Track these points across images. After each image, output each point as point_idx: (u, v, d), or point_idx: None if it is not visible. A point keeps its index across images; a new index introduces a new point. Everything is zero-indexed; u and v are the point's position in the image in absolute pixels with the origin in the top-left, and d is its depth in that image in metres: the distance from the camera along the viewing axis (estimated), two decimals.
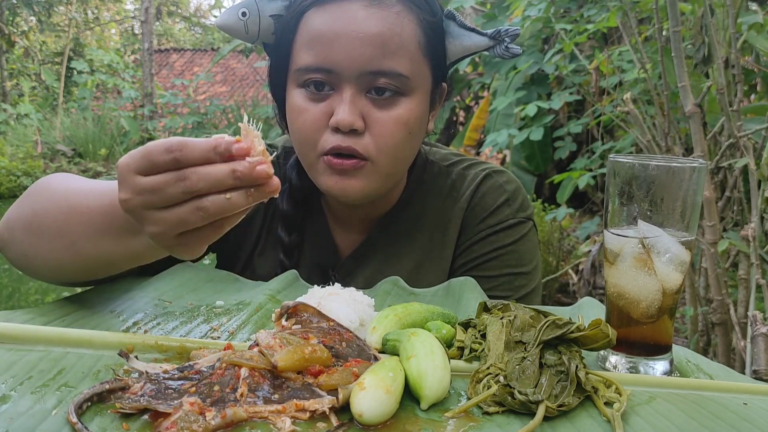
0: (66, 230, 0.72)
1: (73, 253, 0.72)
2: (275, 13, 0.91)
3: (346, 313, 0.68)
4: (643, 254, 0.63)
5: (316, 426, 0.50)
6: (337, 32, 0.84)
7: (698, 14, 2.24)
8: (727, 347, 2.08)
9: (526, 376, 0.57)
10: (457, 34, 0.93)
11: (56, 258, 0.74)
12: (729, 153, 2.19)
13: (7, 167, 9.76)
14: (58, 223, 0.73)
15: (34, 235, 0.76)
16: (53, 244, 0.74)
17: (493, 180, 1.03)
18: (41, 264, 0.77)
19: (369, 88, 0.87)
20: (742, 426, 0.55)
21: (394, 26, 0.85)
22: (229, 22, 0.90)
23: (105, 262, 0.72)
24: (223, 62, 14.46)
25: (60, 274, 0.77)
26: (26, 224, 0.77)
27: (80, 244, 0.71)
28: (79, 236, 0.71)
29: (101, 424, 0.48)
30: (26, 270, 0.81)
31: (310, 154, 0.90)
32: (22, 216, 0.78)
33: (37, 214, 0.77)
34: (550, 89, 4.97)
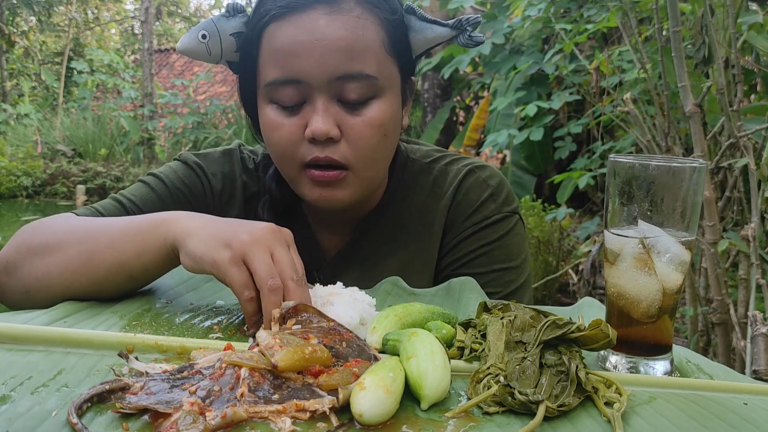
0: (85, 248, 0.78)
1: (88, 268, 0.76)
2: (235, 30, 0.91)
3: (347, 312, 0.68)
4: (643, 254, 0.63)
5: (316, 426, 0.50)
6: (300, 42, 0.85)
7: (698, 14, 2.24)
8: (727, 347, 2.08)
9: (526, 376, 0.57)
10: (419, 27, 0.92)
11: (68, 280, 0.77)
12: (729, 153, 2.19)
13: (7, 167, 9.76)
14: (77, 242, 0.79)
15: (47, 255, 0.79)
16: (69, 267, 0.77)
17: (476, 175, 1.02)
18: (47, 294, 0.78)
19: (339, 94, 0.87)
20: (742, 426, 0.55)
21: (356, 29, 0.86)
22: (190, 46, 0.91)
23: (117, 269, 0.76)
24: None
25: (66, 296, 0.78)
26: (37, 246, 0.81)
27: (98, 255, 0.76)
28: (98, 248, 0.77)
29: (101, 425, 0.48)
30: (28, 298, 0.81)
31: (291, 167, 0.91)
32: (31, 241, 0.82)
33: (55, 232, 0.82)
34: (550, 89, 4.97)
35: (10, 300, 0.83)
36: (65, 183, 9.89)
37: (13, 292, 0.82)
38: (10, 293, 0.82)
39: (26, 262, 0.80)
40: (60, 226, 0.84)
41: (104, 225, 0.82)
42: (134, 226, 0.78)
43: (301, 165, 0.89)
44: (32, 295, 0.79)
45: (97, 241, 0.78)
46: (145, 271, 0.77)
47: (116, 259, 0.76)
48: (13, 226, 8.29)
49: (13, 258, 0.82)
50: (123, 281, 0.77)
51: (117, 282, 0.77)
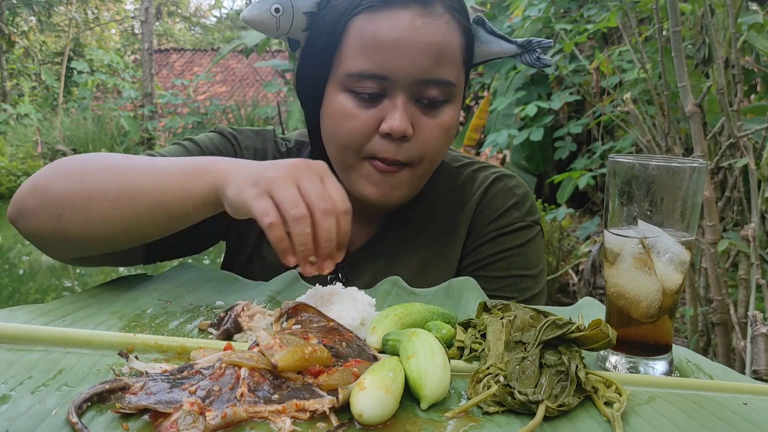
0: (128, 178, 0.77)
1: (127, 199, 0.76)
2: (309, 10, 0.90)
3: (347, 312, 0.68)
4: (643, 254, 0.63)
5: (316, 426, 0.50)
6: (395, 40, 0.85)
7: (698, 14, 2.24)
8: (727, 347, 2.08)
9: (526, 376, 0.57)
10: (486, 39, 0.95)
11: (106, 210, 0.76)
12: (729, 153, 2.19)
13: (7, 167, 9.76)
14: (118, 172, 0.78)
15: (86, 180, 0.78)
16: (105, 192, 0.76)
17: (503, 183, 1.05)
18: (80, 221, 0.77)
19: (418, 95, 0.88)
20: (742, 426, 0.55)
21: (446, 36, 0.87)
22: (260, 17, 0.90)
23: (155, 206, 0.76)
24: (223, 62, 14.46)
25: (96, 234, 0.78)
26: (76, 171, 0.79)
27: (140, 189, 0.76)
28: (141, 182, 0.77)
29: (101, 424, 0.48)
30: (51, 237, 0.80)
31: (353, 157, 0.91)
32: (69, 166, 0.80)
33: (93, 165, 0.80)
34: (550, 89, 4.97)
35: (37, 226, 0.81)
36: None
37: (43, 216, 0.79)
38: (39, 217, 0.80)
39: (62, 184, 0.79)
40: (101, 156, 0.83)
41: (147, 162, 0.81)
42: (179, 168, 0.78)
43: (365, 156, 0.90)
44: (65, 219, 0.77)
45: (138, 176, 0.78)
46: (185, 215, 0.77)
47: (157, 198, 0.76)
48: (13, 227, 8.29)
49: (46, 179, 0.80)
50: (161, 220, 0.77)
51: (155, 220, 0.77)
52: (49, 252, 0.87)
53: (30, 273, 6.12)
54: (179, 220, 0.78)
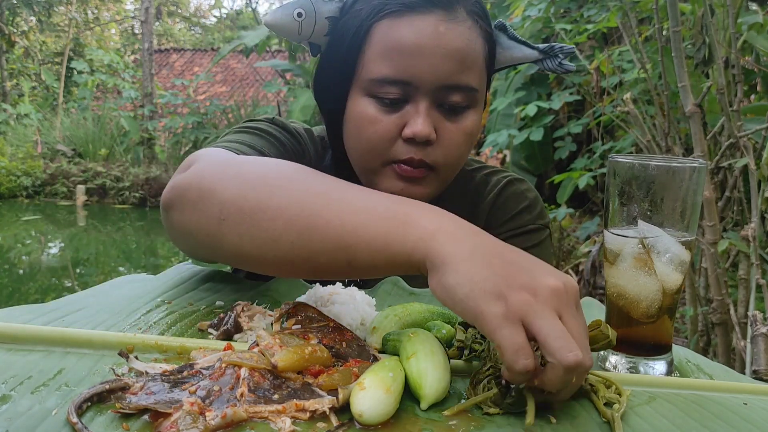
0: (311, 203, 0.63)
1: (306, 226, 0.62)
2: (331, 15, 0.91)
3: (347, 312, 0.68)
4: (643, 254, 0.63)
5: (316, 426, 0.50)
6: (419, 45, 0.85)
7: (698, 14, 2.24)
8: (727, 347, 2.08)
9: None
10: (507, 45, 0.95)
11: (277, 231, 0.63)
12: (729, 153, 2.19)
13: (7, 167, 9.77)
14: (301, 189, 0.64)
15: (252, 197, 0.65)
16: (283, 215, 0.63)
17: (515, 187, 1.07)
18: (243, 233, 0.65)
19: (441, 100, 0.88)
20: (742, 426, 0.55)
21: (470, 41, 0.88)
22: (282, 21, 0.90)
23: (339, 246, 0.61)
24: (223, 62, 14.46)
25: (254, 253, 0.65)
26: (246, 182, 0.67)
27: (323, 216, 0.62)
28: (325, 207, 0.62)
29: (101, 424, 0.48)
30: (202, 239, 0.70)
31: (376, 161, 0.91)
32: (241, 180, 0.67)
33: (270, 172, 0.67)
34: (550, 89, 4.97)
35: (193, 222, 0.70)
36: (65, 183, 9.89)
37: (203, 215, 0.68)
38: (198, 215, 0.69)
39: (232, 187, 0.67)
40: (281, 163, 0.70)
41: (336, 186, 0.66)
42: (374, 206, 0.61)
43: (388, 160, 0.90)
44: (225, 227, 0.66)
45: (324, 202, 0.63)
46: (371, 267, 0.61)
47: (343, 238, 0.60)
48: (13, 227, 8.30)
49: (215, 175, 0.69)
50: (339, 263, 0.62)
51: (331, 260, 0.62)
52: (191, 251, 0.77)
53: (30, 273, 6.12)
54: (360, 270, 0.62)
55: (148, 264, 6.63)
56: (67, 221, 8.81)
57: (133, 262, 6.69)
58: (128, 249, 7.32)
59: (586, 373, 0.53)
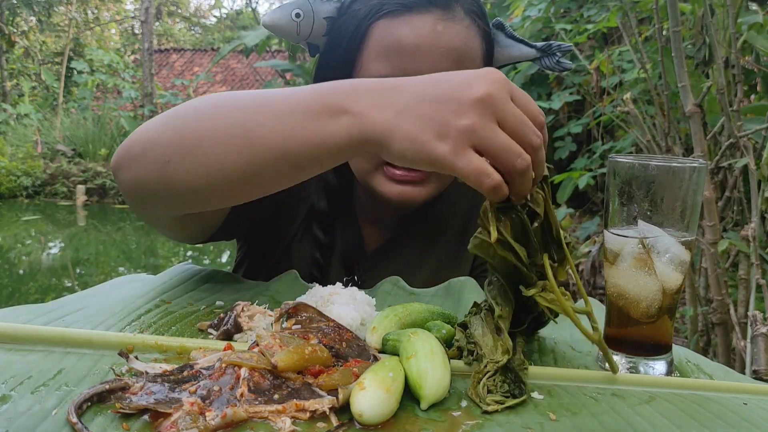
0: (242, 119, 0.65)
1: (243, 144, 0.63)
2: (329, 15, 0.91)
3: (347, 312, 0.68)
4: (643, 254, 0.63)
5: (316, 426, 0.50)
6: (417, 44, 0.85)
7: (698, 14, 2.24)
8: (727, 347, 2.08)
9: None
10: (505, 44, 0.95)
11: (219, 156, 0.64)
12: (729, 153, 2.19)
13: (7, 167, 9.77)
14: (232, 110, 0.66)
15: (195, 123, 0.67)
16: (217, 136, 0.65)
17: None
18: (189, 168, 0.66)
19: None
20: (742, 426, 0.55)
21: (467, 40, 0.88)
22: (280, 22, 0.90)
23: (279, 154, 0.63)
24: (223, 62, 14.47)
25: (206, 184, 0.67)
26: (184, 122, 0.68)
27: (257, 131, 0.63)
28: (257, 124, 0.63)
29: (101, 424, 0.48)
30: (155, 188, 0.70)
31: (370, 162, 0.91)
32: (176, 119, 0.69)
33: (205, 106, 0.68)
34: (550, 89, 4.97)
35: (141, 175, 0.70)
36: (65, 183, 9.89)
37: (148, 164, 0.69)
38: (144, 166, 0.69)
39: (171, 128, 0.68)
40: (215, 96, 0.71)
41: (260, 98, 0.67)
42: (303, 106, 0.63)
43: (380, 161, 0.90)
44: (171, 167, 0.67)
45: (253, 116, 0.65)
46: (316, 163, 0.64)
47: (281, 144, 0.63)
48: (13, 227, 8.30)
49: (156, 124, 0.70)
50: (285, 169, 0.65)
51: (277, 169, 0.64)
52: (152, 207, 0.76)
53: (30, 273, 6.12)
54: (307, 168, 0.65)
55: (148, 264, 6.63)
56: (67, 221, 8.81)
57: (133, 262, 6.69)
58: (128, 249, 7.32)
59: (542, 153, 0.58)
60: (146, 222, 0.83)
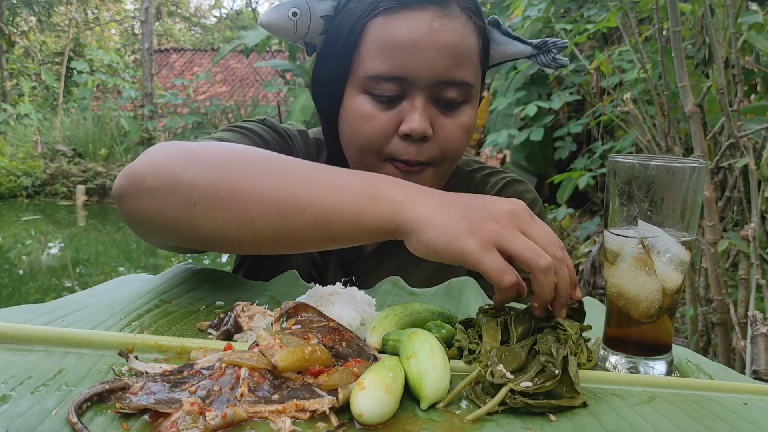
0: (288, 183, 0.67)
1: (286, 207, 0.66)
2: (325, 13, 0.91)
3: (347, 312, 0.68)
4: (643, 254, 0.63)
5: (316, 426, 0.50)
6: (414, 41, 0.85)
7: (698, 14, 2.24)
8: (727, 347, 2.08)
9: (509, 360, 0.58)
10: (501, 41, 0.96)
11: (255, 213, 0.66)
12: (729, 153, 2.19)
13: (7, 167, 9.77)
14: (273, 172, 0.68)
15: (225, 183, 0.67)
16: (258, 194, 0.66)
17: (514, 188, 1.07)
18: (218, 217, 0.67)
19: (437, 95, 0.89)
20: (742, 426, 0.55)
21: (464, 37, 0.88)
22: (277, 21, 0.90)
23: (319, 224, 0.67)
24: (223, 62, 14.47)
25: (234, 236, 0.68)
26: (214, 168, 0.68)
27: (302, 197, 0.66)
28: (302, 189, 0.67)
29: (101, 424, 0.48)
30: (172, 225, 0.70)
31: (373, 158, 0.92)
32: (204, 163, 0.69)
33: (238, 159, 0.69)
34: (550, 89, 4.98)
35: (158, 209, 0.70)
36: (65, 183, 9.89)
37: (170, 200, 0.69)
38: (163, 201, 0.69)
39: (196, 171, 0.68)
40: (237, 148, 0.72)
41: (304, 167, 0.70)
42: (347, 186, 0.67)
43: (383, 157, 0.91)
44: (199, 211, 0.67)
45: (298, 184, 0.67)
46: (349, 239, 0.68)
47: (322, 216, 0.66)
48: (13, 227, 8.30)
49: (172, 160, 0.70)
50: (319, 239, 0.68)
51: (312, 238, 0.68)
52: (153, 237, 0.76)
53: (30, 273, 6.12)
54: (340, 242, 0.69)
55: (148, 264, 6.63)
56: (67, 221, 8.81)
57: (133, 262, 6.69)
58: (128, 249, 7.32)
59: (564, 267, 0.63)
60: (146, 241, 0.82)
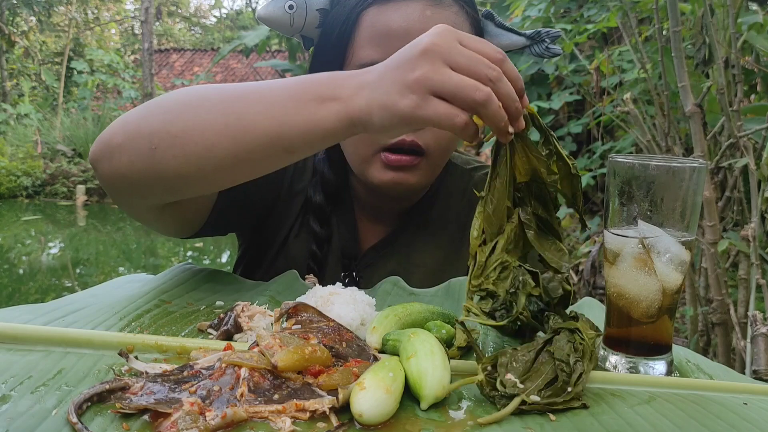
0: (233, 107, 0.67)
1: (236, 130, 0.66)
2: (321, 6, 0.93)
3: (347, 312, 0.68)
4: (643, 254, 0.63)
5: (316, 426, 0.50)
6: (407, 29, 0.86)
7: (698, 14, 2.24)
8: (727, 347, 2.08)
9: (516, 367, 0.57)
10: (495, 33, 0.97)
11: (210, 141, 0.67)
12: (729, 153, 2.19)
13: (7, 167, 9.76)
14: (222, 101, 0.68)
15: (184, 113, 0.68)
16: (208, 123, 0.67)
17: None
18: (178, 154, 0.68)
19: None
20: (742, 426, 0.55)
21: (456, 26, 0.89)
22: (274, 14, 0.92)
23: (272, 138, 0.66)
24: (223, 62, 14.46)
25: (196, 170, 0.69)
26: (169, 105, 0.70)
27: (250, 117, 0.66)
28: (250, 111, 0.66)
29: (101, 424, 0.48)
30: (141, 176, 0.71)
31: (367, 149, 0.93)
32: (160, 102, 0.71)
33: (191, 97, 0.70)
34: (550, 89, 4.97)
35: (126, 164, 0.71)
36: (65, 183, 9.89)
37: (134, 152, 0.70)
38: (128, 154, 0.70)
39: (156, 117, 0.70)
40: (197, 88, 0.73)
41: (251, 89, 0.70)
42: (294, 94, 0.67)
43: (378, 147, 0.91)
44: (159, 154, 0.68)
45: (247, 105, 0.67)
46: (308, 146, 0.67)
47: (274, 129, 0.66)
48: (13, 226, 8.29)
49: (139, 114, 0.72)
50: (277, 153, 0.68)
51: (269, 153, 0.68)
52: (135, 197, 0.77)
53: (30, 273, 6.12)
54: (299, 152, 0.68)
55: (148, 264, 6.62)
56: (67, 221, 8.81)
57: (133, 262, 6.69)
58: (128, 249, 7.32)
59: (503, 83, 0.60)
60: (129, 214, 0.84)
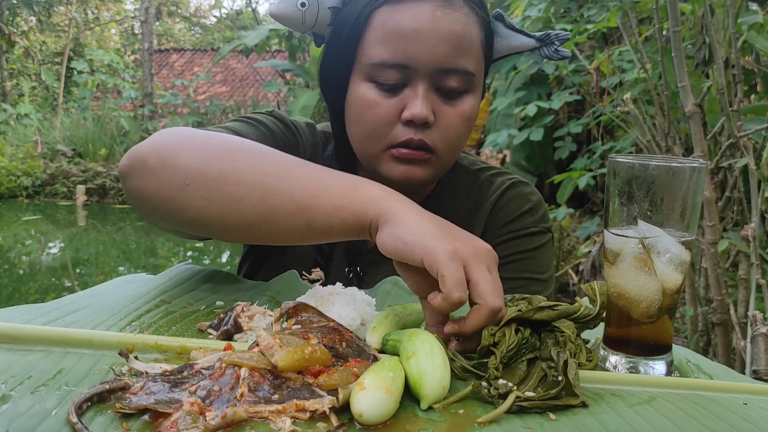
0: (275, 170, 0.70)
1: (267, 190, 0.69)
2: (333, 5, 0.93)
3: (347, 312, 0.68)
4: (643, 254, 0.63)
5: (316, 426, 0.50)
6: (416, 30, 0.87)
7: (698, 14, 2.24)
8: (727, 347, 2.08)
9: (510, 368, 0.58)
10: (505, 34, 0.98)
11: (239, 194, 0.69)
12: (729, 153, 2.19)
13: (7, 167, 9.77)
14: (265, 163, 0.71)
15: (217, 165, 0.71)
16: (245, 176, 0.70)
17: (519, 189, 1.08)
18: (206, 197, 0.70)
19: (439, 83, 0.90)
20: (742, 426, 0.55)
21: (466, 26, 0.90)
22: (286, 11, 0.92)
23: (301, 209, 0.69)
24: (223, 62, 14.46)
25: (218, 216, 0.71)
26: (210, 152, 0.73)
27: (285, 181, 0.69)
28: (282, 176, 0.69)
29: (101, 424, 0.48)
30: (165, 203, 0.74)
31: (376, 146, 0.93)
32: (203, 149, 0.74)
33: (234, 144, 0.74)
34: (550, 89, 4.97)
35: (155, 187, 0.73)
36: (65, 183, 9.89)
37: (165, 180, 0.72)
38: (160, 180, 0.73)
39: (194, 155, 0.72)
40: (234, 138, 0.76)
41: (293, 158, 0.73)
42: (332, 177, 0.70)
43: (387, 144, 0.92)
44: (190, 190, 0.71)
45: (285, 169, 0.71)
46: (327, 228, 0.69)
47: (303, 200, 0.68)
48: (13, 226, 8.29)
49: (174, 145, 0.74)
50: (298, 225, 0.69)
51: (291, 222, 0.69)
52: (151, 216, 0.80)
53: (30, 273, 6.12)
54: (317, 231, 0.69)
55: (148, 264, 6.63)
56: (67, 221, 8.81)
57: (133, 262, 6.69)
58: (128, 249, 7.32)
59: (498, 320, 0.62)
60: (148, 222, 0.85)
